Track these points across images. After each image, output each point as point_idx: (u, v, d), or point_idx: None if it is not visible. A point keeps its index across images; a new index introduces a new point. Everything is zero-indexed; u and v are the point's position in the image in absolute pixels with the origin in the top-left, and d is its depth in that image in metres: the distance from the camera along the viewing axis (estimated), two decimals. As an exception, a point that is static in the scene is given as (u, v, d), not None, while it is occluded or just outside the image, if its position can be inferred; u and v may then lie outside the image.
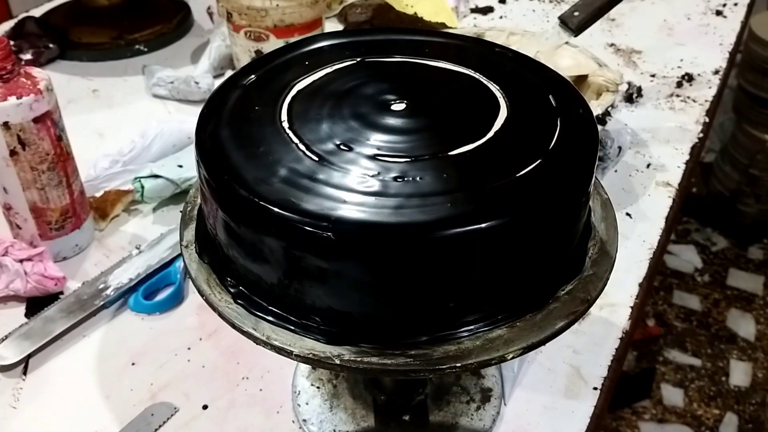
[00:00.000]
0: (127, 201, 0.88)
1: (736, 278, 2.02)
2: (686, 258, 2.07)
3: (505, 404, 0.67)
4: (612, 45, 1.25)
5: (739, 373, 1.72)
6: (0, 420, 0.67)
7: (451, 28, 1.20)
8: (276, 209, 0.45)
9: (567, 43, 0.90)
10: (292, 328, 0.48)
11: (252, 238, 0.47)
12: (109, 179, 0.89)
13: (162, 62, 1.19)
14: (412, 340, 0.47)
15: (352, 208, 0.44)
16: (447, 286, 0.46)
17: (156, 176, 0.87)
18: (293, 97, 0.54)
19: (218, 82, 1.04)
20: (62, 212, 0.80)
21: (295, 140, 0.50)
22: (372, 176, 0.46)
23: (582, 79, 0.91)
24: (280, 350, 0.48)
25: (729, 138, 2.20)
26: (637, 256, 0.83)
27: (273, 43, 1.02)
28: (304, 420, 0.66)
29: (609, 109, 0.88)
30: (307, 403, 0.67)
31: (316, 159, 0.48)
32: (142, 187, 0.86)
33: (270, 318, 0.49)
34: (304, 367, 0.70)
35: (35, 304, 0.76)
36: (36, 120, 0.73)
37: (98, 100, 1.14)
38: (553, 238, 0.49)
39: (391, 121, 0.51)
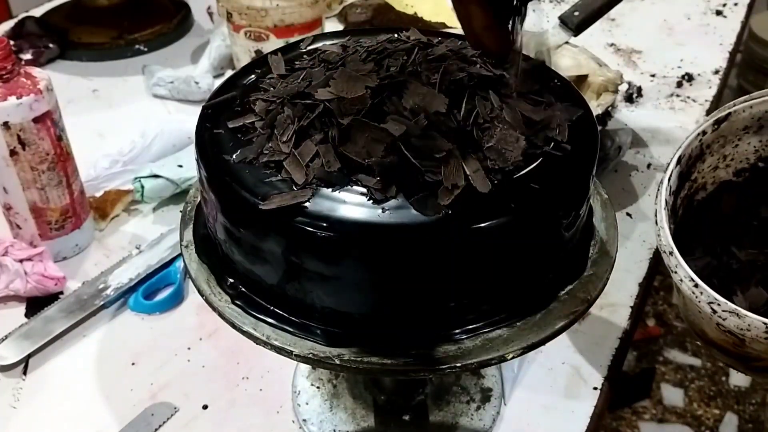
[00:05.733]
0: (127, 201, 0.88)
1: (736, 278, 2.02)
2: (686, 258, 2.07)
3: (505, 404, 0.67)
4: (612, 45, 1.25)
5: (739, 373, 1.72)
6: (0, 420, 0.67)
7: (451, 28, 1.20)
8: (276, 209, 0.45)
9: (567, 42, 0.90)
10: (292, 328, 0.48)
11: (252, 239, 0.47)
12: (109, 179, 0.89)
13: (162, 62, 1.19)
14: (412, 340, 0.47)
15: (352, 208, 0.44)
16: (447, 286, 0.46)
17: (156, 176, 0.87)
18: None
19: (218, 82, 1.04)
20: (62, 212, 0.80)
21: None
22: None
23: (582, 79, 0.91)
24: (280, 350, 0.48)
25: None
26: (637, 256, 0.83)
27: (273, 43, 1.02)
28: (304, 420, 0.66)
29: (609, 109, 0.88)
30: (307, 403, 0.67)
31: (316, 159, 0.48)
32: (142, 187, 0.87)
33: (270, 318, 0.49)
34: (304, 367, 0.70)
35: (35, 304, 0.76)
36: (36, 120, 0.73)
37: (98, 100, 1.14)
38: (552, 238, 0.49)
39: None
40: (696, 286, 0.56)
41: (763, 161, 0.69)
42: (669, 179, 0.62)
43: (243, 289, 0.51)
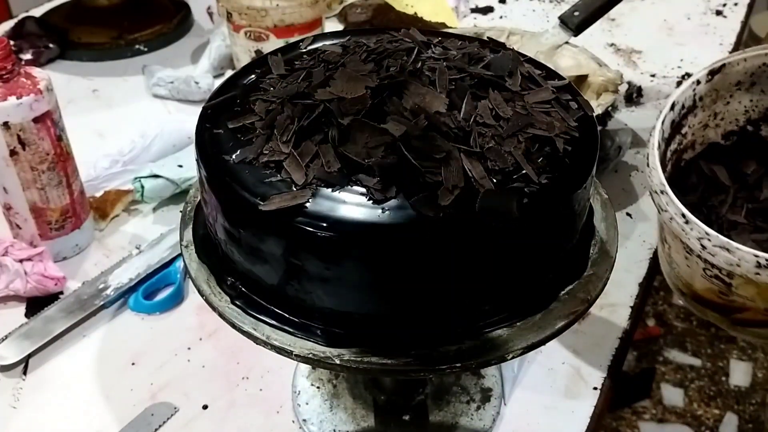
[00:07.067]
0: (127, 201, 0.88)
1: (736, 278, 2.01)
2: (686, 258, 2.06)
3: (505, 404, 0.67)
4: (612, 45, 1.25)
5: (739, 373, 1.72)
6: (0, 420, 0.67)
7: (451, 28, 1.20)
8: (276, 209, 0.45)
9: (567, 43, 0.90)
10: (292, 328, 0.48)
11: (252, 239, 0.47)
12: (109, 179, 0.89)
13: (162, 62, 1.19)
14: (412, 340, 0.47)
15: (352, 209, 0.44)
16: (447, 286, 0.46)
17: (156, 176, 0.87)
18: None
19: (218, 82, 1.04)
20: (62, 212, 0.80)
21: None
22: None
23: (582, 79, 0.91)
24: (280, 350, 0.48)
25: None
26: (637, 256, 0.83)
27: (273, 43, 1.02)
28: (304, 420, 0.66)
29: (609, 109, 0.88)
30: (307, 403, 0.67)
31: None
32: (142, 187, 0.87)
33: (270, 318, 0.49)
34: (304, 367, 0.70)
35: (35, 304, 0.76)
36: (36, 120, 0.73)
37: (98, 100, 1.14)
38: (552, 238, 0.49)
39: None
40: (687, 222, 0.55)
41: (752, 124, 0.68)
42: (662, 123, 0.61)
43: (243, 289, 0.51)
